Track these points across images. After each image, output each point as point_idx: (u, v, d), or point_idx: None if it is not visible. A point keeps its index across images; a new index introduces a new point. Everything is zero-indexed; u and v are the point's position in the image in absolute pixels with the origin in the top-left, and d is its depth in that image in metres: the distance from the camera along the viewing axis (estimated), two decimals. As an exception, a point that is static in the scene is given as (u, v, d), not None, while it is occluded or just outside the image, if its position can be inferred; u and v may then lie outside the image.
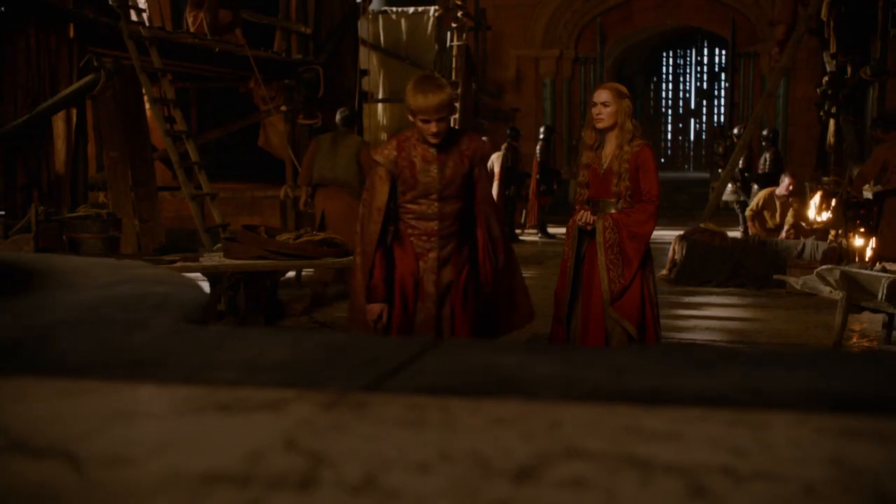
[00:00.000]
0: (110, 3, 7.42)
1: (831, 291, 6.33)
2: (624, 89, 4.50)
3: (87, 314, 1.11)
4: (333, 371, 0.89)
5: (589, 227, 4.46)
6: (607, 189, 4.43)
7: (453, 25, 15.18)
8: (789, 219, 10.35)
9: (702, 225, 9.72)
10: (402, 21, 14.75)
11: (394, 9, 14.97)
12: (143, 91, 7.62)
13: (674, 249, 9.23)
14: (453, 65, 15.10)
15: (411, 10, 14.74)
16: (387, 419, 0.74)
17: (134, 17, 7.81)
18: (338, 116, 7.76)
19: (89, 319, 1.10)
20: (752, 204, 11.02)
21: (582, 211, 4.52)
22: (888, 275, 5.89)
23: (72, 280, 1.31)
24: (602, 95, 4.42)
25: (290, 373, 0.88)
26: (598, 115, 4.40)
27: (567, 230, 4.70)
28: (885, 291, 5.76)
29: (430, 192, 3.94)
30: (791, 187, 10.46)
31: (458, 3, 15.26)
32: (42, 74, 6.57)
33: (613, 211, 4.40)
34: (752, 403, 0.75)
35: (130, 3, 7.66)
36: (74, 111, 6.89)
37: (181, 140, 7.76)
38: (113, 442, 0.70)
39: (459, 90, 14.09)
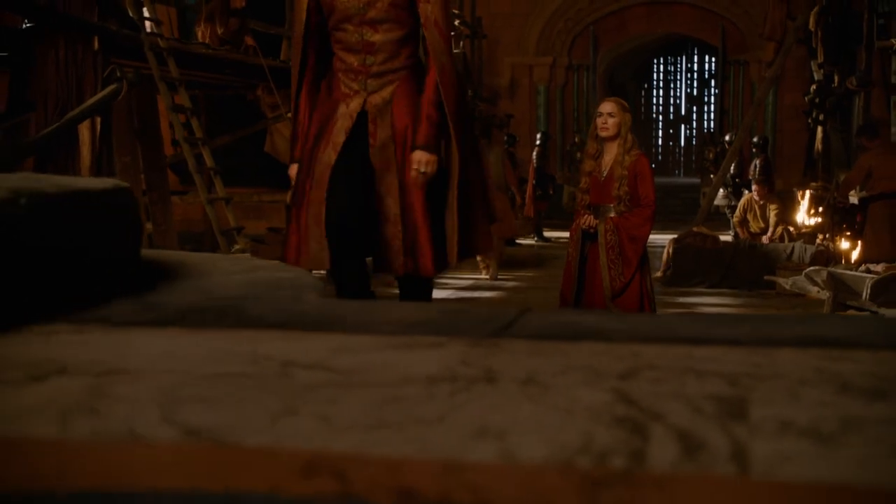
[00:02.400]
0: (130, 15, 7.76)
1: (819, 291, 6.71)
2: (626, 104, 4.91)
3: (251, 291, 1.45)
4: (460, 327, 1.23)
5: (592, 230, 4.85)
6: (608, 194, 4.82)
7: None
8: (772, 218, 10.79)
9: (695, 229, 10.09)
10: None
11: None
12: (160, 98, 7.94)
13: (668, 252, 9.59)
14: (451, 72, 15.42)
15: (411, 19, 14.99)
16: (518, 352, 1.08)
17: (152, 28, 8.15)
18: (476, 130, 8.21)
19: (257, 295, 1.44)
20: (737, 211, 11.51)
21: (586, 215, 4.91)
22: (872, 275, 6.28)
23: (209, 269, 1.65)
24: (608, 107, 4.82)
25: (431, 328, 1.22)
26: (603, 124, 4.79)
27: (570, 234, 5.10)
28: (869, 291, 6.14)
29: (350, 15, 3.20)
30: (758, 192, 11.03)
31: (456, 11, 15.62)
32: (70, 85, 6.91)
33: (613, 214, 4.79)
34: (762, 344, 1.10)
35: (148, 17, 7.99)
36: (99, 119, 7.21)
37: (196, 146, 8.06)
38: (344, 362, 1.04)
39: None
